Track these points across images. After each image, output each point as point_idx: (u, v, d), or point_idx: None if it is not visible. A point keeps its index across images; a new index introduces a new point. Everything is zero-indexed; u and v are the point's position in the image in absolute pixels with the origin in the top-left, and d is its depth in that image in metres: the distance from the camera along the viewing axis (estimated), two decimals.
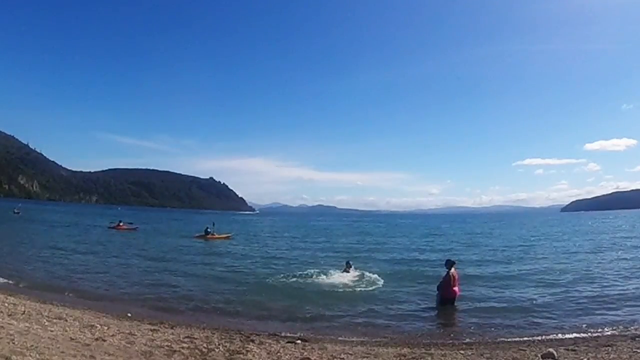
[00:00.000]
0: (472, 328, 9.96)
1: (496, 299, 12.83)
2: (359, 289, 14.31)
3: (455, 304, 11.93)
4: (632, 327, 9.39)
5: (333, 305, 11.98)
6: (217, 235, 35.27)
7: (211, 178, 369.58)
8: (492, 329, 9.81)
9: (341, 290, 14.11)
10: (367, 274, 16.64)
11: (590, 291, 13.59)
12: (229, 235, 37.15)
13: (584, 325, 9.86)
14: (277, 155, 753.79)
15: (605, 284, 14.80)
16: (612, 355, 7.07)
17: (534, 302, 12.30)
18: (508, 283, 15.25)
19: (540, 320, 10.38)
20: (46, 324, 7.82)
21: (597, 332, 9.26)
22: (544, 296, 12.98)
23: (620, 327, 9.56)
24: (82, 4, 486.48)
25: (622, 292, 13.43)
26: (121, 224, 42.66)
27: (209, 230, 35.19)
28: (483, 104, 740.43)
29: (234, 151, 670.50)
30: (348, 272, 16.42)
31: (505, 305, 12.01)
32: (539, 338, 8.86)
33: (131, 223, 44.89)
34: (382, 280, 15.63)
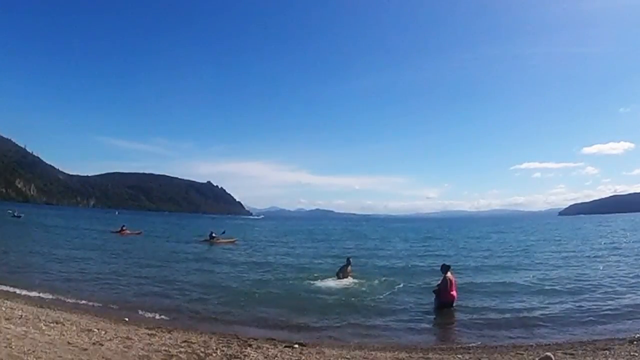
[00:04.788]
0: (470, 332, 9.98)
1: (494, 304, 12.82)
2: (356, 293, 14.30)
3: (453, 308, 11.96)
4: (630, 332, 9.40)
5: (331, 310, 11.98)
6: (222, 240, 35.55)
7: (209, 182, 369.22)
8: (490, 333, 9.81)
9: (339, 295, 14.10)
10: (365, 278, 16.66)
11: (589, 297, 13.57)
12: (234, 239, 37.36)
13: (582, 330, 9.88)
14: (274, 159, 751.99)
15: (604, 289, 14.73)
16: (609, 359, 7.10)
17: (532, 307, 12.28)
18: (506, 289, 15.20)
19: (538, 325, 10.39)
20: (43, 328, 7.82)
21: (595, 336, 9.26)
22: (542, 302, 12.95)
23: (619, 331, 9.58)
24: (79, 6, 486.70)
25: (621, 297, 13.44)
26: (124, 228, 42.02)
27: (214, 235, 35.57)
28: (480, 108, 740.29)
29: (232, 155, 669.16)
30: (347, 273, 16.43)
31: (503, 310, 12.01)
32: (537, 342, 8.87)
33: (125, 226, 44.07)
34: (380, 285, 15.65)
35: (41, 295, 12.64)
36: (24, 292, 12.81)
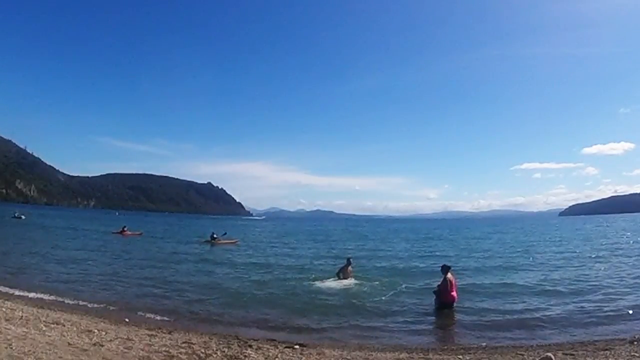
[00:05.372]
0: (470, 333, 9.98)
1: (495, 304, 12.80)
2: (357, 294, 14.30)
3: (453, 309, 11.95)
4: (631, 332, 9.38)
5: (331, 310, 11.98)
6: (223, 241, 35.71)
7: (209, 183, 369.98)
8: (490, 334, 9.80)
9: (339, 295, 14.11)
10: (365, 279, 16.66)
11: (590, 298, 13.55)
12: (235, 240, 37.48)
13: (583, 331, 9.86)
14: (275, 160, 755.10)
15: (605, 290, 14.69)
16: (609, 359, 7.10)
17: (533, 308, 12.26)
18: (506, 289, 15.17)
19: (538, 326, 10.37)
20: (44, 329, 7.82)
21: (595, 336, 9.25)
22: (543, 302, 12.93)
23: (620, 332, 9.57)
24: (80, 7, 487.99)
25: (622, 297, 13.41)
26: (125, 229, 41.88)
27: (215, 236, 35.71)
28: (481, 108, 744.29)
29: (232, 156, 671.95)
30: (347, 273, 16.39)
31: (503, 310, 11.99)
32: (537, 343, 8.86)
33: (126, 227, 43.80)
34: (381, 286, 15.64)
35: (41, 296, 12.64)
36: (24, 293, 12.81)
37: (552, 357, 7.05)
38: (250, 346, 8.02)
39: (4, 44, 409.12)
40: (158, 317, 10.89)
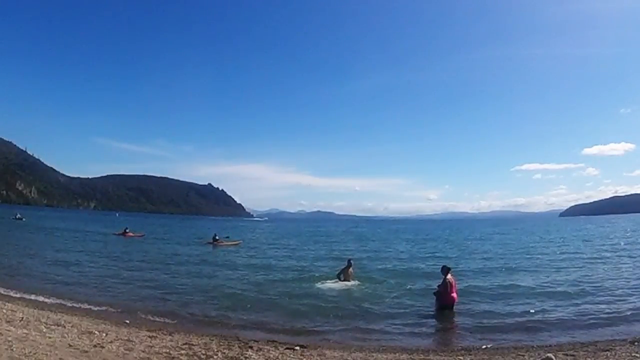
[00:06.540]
0: (470, 334, 9.97)
1: (495, 306, 12.80)
2: (357, 296, 14.30)
3: (454, 310, 11.94)
4: (632, 333, 9.37)
5: (332, 312, 11.96)
6: (225, 242, 35.81)
7: (209, 184, 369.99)
8: (491, 335, 9.79)
9: (340, 297, 14.11)
10: (366, 280, 16.66)
11: (591, 299, 13.53)
12: (238, 242, 37.54)
13: (584, 332, 9.86)
14: (275, 161, 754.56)
15: (606, 291, 14.67)
16: None
17: (533, 309, 12.21)
18: (507, 291, 15.15)
19: (539, 327, 10.37)
20: (44, 330, 7.82)
21: (596, 337, 9.24)
22: (544, 304, 12.90)
23: (620, 333, 9.56)
24: (79, 9, 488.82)
25: (623, 299, 13.39)
26: (127, 231, 41.85)
27: (217, 238, 35.83)
28: (481, 109, 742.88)
29: (232, 157, 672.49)
30: (348, 275, 16.37)
31: (504, 312, 11.99)
32: (538, 343, 8.86)
33: (128, 229, 43.80)
34: (381, 287, 15.66)
35: (42, 298, 12.64)
36: (24, 295, 12.80)
37: (553, 357, 7.06)
38: (251, 347, 8.03)
39: (4, 45, 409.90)
40: (159, 319, 10.89)
